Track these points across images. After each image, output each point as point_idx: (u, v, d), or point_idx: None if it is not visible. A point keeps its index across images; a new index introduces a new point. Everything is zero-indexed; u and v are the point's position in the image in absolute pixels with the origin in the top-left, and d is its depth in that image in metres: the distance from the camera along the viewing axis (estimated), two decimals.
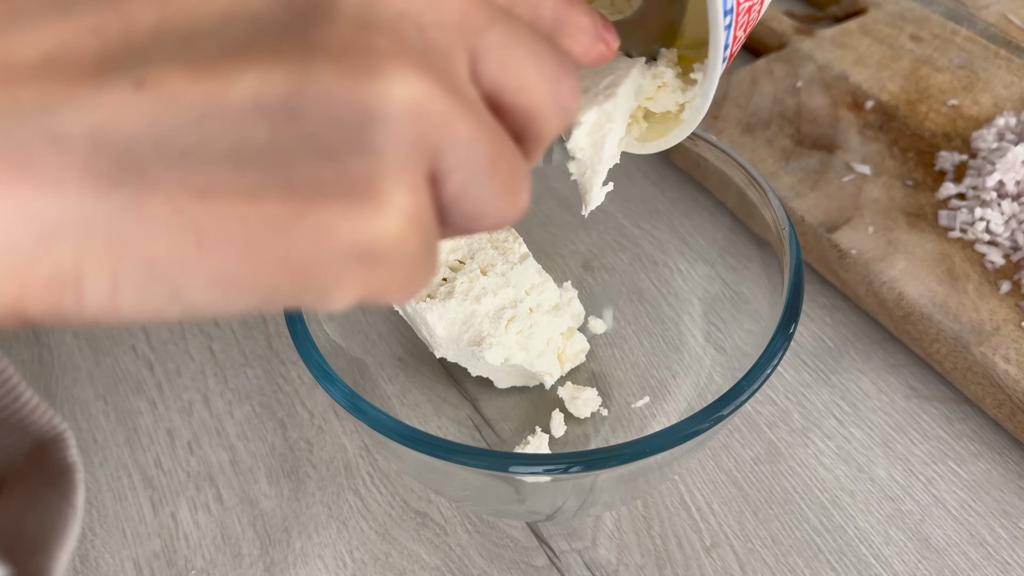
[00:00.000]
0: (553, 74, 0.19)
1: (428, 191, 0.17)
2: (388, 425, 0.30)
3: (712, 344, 0.42)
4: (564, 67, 0.19)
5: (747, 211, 0.40)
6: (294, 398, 0.45)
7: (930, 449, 0.42)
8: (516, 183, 0.19)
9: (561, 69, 0.19)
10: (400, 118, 0.16)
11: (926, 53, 0.59)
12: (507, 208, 0.19)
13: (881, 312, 0.45)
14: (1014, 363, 0.40)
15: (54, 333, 0.49)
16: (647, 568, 0.38)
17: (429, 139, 0.16)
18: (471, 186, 0.18)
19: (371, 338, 0.43)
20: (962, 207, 0.47)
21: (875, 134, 0.53)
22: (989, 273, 0.44)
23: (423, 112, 0.16)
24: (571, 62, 0.20)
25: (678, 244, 0.46)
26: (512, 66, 0.18)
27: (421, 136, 0.16)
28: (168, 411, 0.45)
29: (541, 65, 0.19)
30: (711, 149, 0.40)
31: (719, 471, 0.41)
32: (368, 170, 0.16)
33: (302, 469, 0.42)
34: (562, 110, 0.19)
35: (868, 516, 0.39)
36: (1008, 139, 0.50)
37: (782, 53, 0.60)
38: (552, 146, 0.30)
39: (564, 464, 0.29)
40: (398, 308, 0.41)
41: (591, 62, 0.23)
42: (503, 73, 0.18)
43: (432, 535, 0.39)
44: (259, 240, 0.15)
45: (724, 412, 0.30)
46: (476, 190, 0.18)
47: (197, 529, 0.40)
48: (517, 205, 0.19)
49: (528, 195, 0.20)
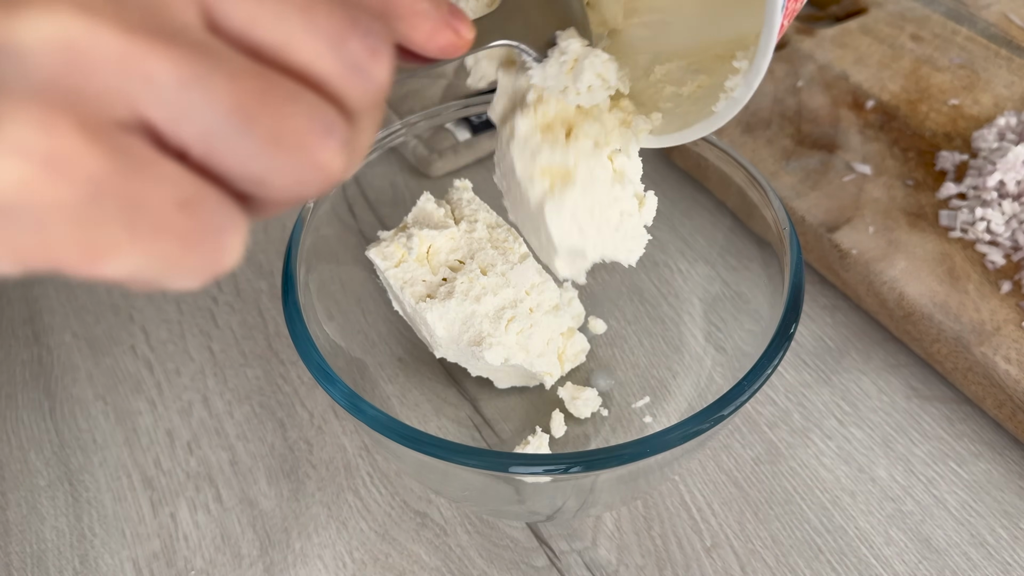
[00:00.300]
0: (334, 32, 0.17)
1: (107, 137, 0.15)
2: (388, 425, 0.30)
3: (712, 344, 0.42)
4: (355, 26, 0.18)
5: (747, 211, 0.40)
6: (294, 398, 0.45)
7: (931, 449, 0.41)
8: (294, 137, 0.17)
9: (349, 28, 0.18)
10: (33, 51, 0.15)
11: (927, 53, 0.59)
12: (289, 166, 0.17)
13: (882, 312, 0.45)
14: (1015, 363, 0.40)
15: (54, 333, 0.49)
16: (647, 569, 0.38)
17: (83, 79, 0.15)
18: (218, 140, 0.16)
19: (371, 338, 0.42)
20: (963, 207, 0.47)
21: (876, 134, 0.53)
22: (990, 273, 0.44)
23: (71, 48, 0.15)
24: (373, 24, 0.18)
25: (678, 244, 0.46)
26: (263, 20, 0.17)
27: (67, 74, 0.15)
28: (167, 411, 0.45)
29: (310, 20, 0.17)
30: (711, 149, 0.40)
31: (719, 471, 0.41)
32: None
33: (302, 469, 0.42)
34: (356, 72, 0.18)
35: (869, 516, 0.39)
36: (1009, 139, 0.50)
37: (782, 53, 0.60)
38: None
39: (564, 464, 0.29)
40: (398, 308, 0.41)
41: (439, 51, 0.22)
42: (251, 27, 0.17)
43: (432, 535, 0.39)
44: None
45: (724, 412, 0.30)
46: (227, 144, 0.16)
47: (197, 529, 0.40)
48: (307, 163, 0.17)
49: (344, 156, 0.18)
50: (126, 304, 0.50)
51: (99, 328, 0.49)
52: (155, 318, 0.49)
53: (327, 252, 0.40)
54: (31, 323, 0.49)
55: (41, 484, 0.42)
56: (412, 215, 0.41)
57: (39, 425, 0.44)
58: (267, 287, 0.50)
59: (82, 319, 0.49)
